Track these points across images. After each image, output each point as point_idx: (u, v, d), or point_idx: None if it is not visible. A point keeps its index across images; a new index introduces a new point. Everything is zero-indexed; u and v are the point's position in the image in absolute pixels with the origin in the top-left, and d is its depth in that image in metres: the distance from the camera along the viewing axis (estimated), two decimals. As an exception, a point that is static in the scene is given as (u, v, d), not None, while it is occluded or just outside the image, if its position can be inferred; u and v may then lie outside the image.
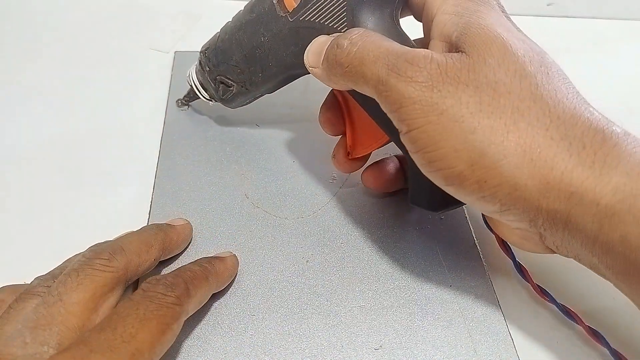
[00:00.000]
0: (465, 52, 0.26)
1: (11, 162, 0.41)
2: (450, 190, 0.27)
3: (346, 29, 0.31)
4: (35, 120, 0.44)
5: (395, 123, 0.27)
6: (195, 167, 0.41)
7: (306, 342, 0.31)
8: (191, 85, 0.42)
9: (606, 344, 0.30)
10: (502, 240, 0.32)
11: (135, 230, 0.32)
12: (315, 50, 0.31)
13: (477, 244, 0.36)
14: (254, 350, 0.30)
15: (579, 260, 0.27)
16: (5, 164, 0.41)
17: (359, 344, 0.31)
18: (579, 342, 0.32)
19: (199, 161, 0.41)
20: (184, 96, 0.44)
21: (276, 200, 0.39)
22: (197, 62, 0.41)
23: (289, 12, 0.34)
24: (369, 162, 0.37)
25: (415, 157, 0.28)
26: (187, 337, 0.31)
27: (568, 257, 0.28)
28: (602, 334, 0.30)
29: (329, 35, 0.32)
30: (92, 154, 0.42)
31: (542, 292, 0.32)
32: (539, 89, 0.26)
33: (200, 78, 0.41)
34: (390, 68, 0.26)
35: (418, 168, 0.29)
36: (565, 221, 0.25)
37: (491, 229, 0.32)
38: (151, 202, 0.38)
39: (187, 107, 0.45)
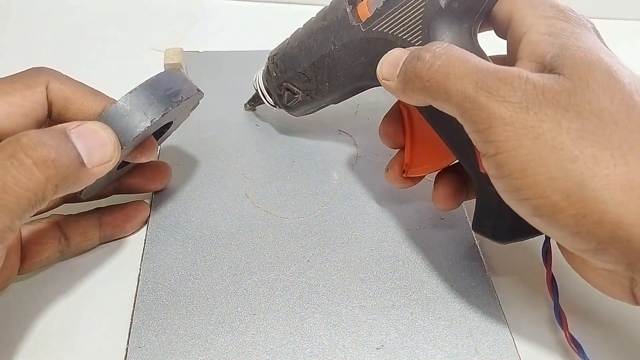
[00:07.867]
0: (563, 75, 0.24)
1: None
2: (536, 221, 0.25)
3: (420, 43, 0.30)
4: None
5: (479, 144, 0.25)
6: (195, 167, 0.41)
7: (307, 341, 0.31)
8: (256, 90, 0.41)
9: None
10: (552, 278, 0.31)
11: None
12: (392, 61, 0.29)
13: (477, 244, 0.36)
14: (256, 350, 0.30)
15: None
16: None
17: (361, 344, 0.31)
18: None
19: (199, 161, 0.41)
20: (249, 100, 0.44)
21: (276, 200, 0.38)
22: (264, 67, 0.40)
23: (362, 21, 0.33)
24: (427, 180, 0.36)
25: (498, 183, 0.25)
26: (188, 336, 0.31)
27: None
28: None
29: (403, 48, 0.30)
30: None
31: (574, 342, 0.30)
32: None
33: (266, 84, 0.40)
34: (479, 85, 0.25)
35: (487, 194, 0.26)
36: None
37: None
38: (151, 201, 0.38)
39: (254, 110, 0.45)
